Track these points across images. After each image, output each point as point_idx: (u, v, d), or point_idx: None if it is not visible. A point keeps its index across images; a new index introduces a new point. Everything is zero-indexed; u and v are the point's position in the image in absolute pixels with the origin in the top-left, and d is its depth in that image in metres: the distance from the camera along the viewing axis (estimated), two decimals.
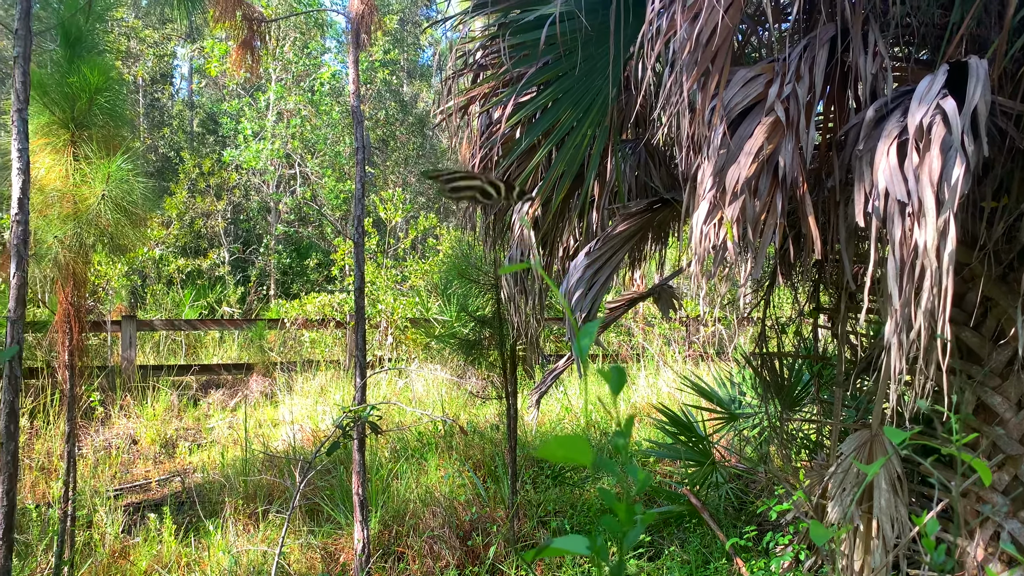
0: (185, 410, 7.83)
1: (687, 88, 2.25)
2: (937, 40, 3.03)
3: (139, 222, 4.24)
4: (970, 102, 2.03)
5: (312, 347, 9.95)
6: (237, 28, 4.93)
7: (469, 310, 5.08)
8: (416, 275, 10.65)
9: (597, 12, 2.88)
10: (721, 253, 2.20)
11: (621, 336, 10.25)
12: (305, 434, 6.68)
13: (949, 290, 1.95)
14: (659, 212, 3.30)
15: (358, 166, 3.93)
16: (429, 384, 8.09)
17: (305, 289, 13.47)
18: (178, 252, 12.54)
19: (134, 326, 8.50)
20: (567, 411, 7.29)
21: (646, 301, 5.77)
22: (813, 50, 2.37)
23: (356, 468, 3.95)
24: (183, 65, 18.08)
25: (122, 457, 6.31)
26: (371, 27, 3.80)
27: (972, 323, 3.03)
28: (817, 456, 4.06)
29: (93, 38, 4.15)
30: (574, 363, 3.85)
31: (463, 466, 5.65)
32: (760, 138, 2.21)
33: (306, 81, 13.21)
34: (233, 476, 5.48)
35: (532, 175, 3.37)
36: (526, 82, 2.96)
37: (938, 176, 1.97)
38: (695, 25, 2.27)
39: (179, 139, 15.54)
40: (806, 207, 2.25)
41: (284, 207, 13.56)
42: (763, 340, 4.22)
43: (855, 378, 3.81)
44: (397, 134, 15.49)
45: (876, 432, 3.06)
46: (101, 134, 4.01)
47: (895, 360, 2.06)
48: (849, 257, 2.66)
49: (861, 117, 2.32)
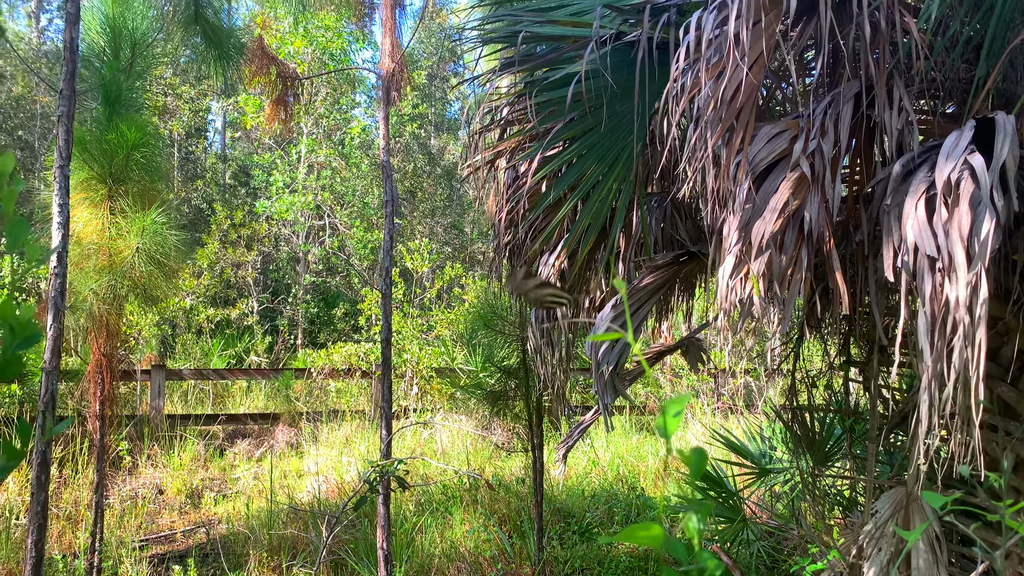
0: (211, 460, 7.85)
1: (712, 144, 2.27)
2: (963, 94, 3.03)
3: (171, 274, 4.32)
4: (998, 157, 2.02)
5: (338, 397, 9.97)
6: (271, 84, 5.09)
7: (495, 360, 5.07)
8: (442, 325, 10.68)
9: (622, 70, 2.93)
10: (748, 307, 2.19)
11: (649, 387, 10.15)
12: (330, 486, 6.65)
13: (983, 345, 1.91)
14: (686, 265, 3.29)
15: (386, 219, 3.98)
16: (454, 435, 8.04)
17: (332, 338, 13.56)
18: (208, 302, 12.72)
19: (163, 375, 8.60)
20: (594, 464, 7.20)
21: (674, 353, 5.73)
22: (838, 106, 2.39)
23: (381, 522, 3.92)
24: (217, 119, 18.61)
25: (148, 507, 6.32)
26: (401, 84, 3.90)
27: (1009, 378, 2.97)
28: (851, 513, 3.96)
29: (132, 96, 4.30)
30: (601, 416, 3.81)
31: (488, 520, 5.57)
32: (786, 193, 2.21)
33: (336, 135, 13.51)
34: (258, 528, 5.46)
35: (558, 228, 3.39)
36: (552, 137, 3.01)
37: (968, 231, 1.96)
38: (719, 83, 2.30)
39: (212, 191, 15.90)
40: (833, 262, 2.24)
41: (313, 257, 13.75)
42: (793, 393, 4.15)
43: (888, 433, 3.73)
44: (424, 185, 15.72)
45: (912, 490, 2.98)
46: (137, 188, 4.13)
47: (927, 417, 2.02)
48: (880, 312, 2.63)
49: (888, 171, 2.31)
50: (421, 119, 15.67)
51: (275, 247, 14.52)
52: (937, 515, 2.79)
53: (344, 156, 13.26)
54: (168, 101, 14.42)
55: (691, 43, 2.37)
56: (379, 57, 4.27)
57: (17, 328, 0.43)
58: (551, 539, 5.33)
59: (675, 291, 4.07)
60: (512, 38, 3.01)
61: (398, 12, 4.11)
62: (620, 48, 2.91)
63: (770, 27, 2.39)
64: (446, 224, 16.58)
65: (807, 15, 2.70)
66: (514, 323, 4.84)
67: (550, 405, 4.76)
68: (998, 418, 3.01)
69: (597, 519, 5.84)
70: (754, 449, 5.20)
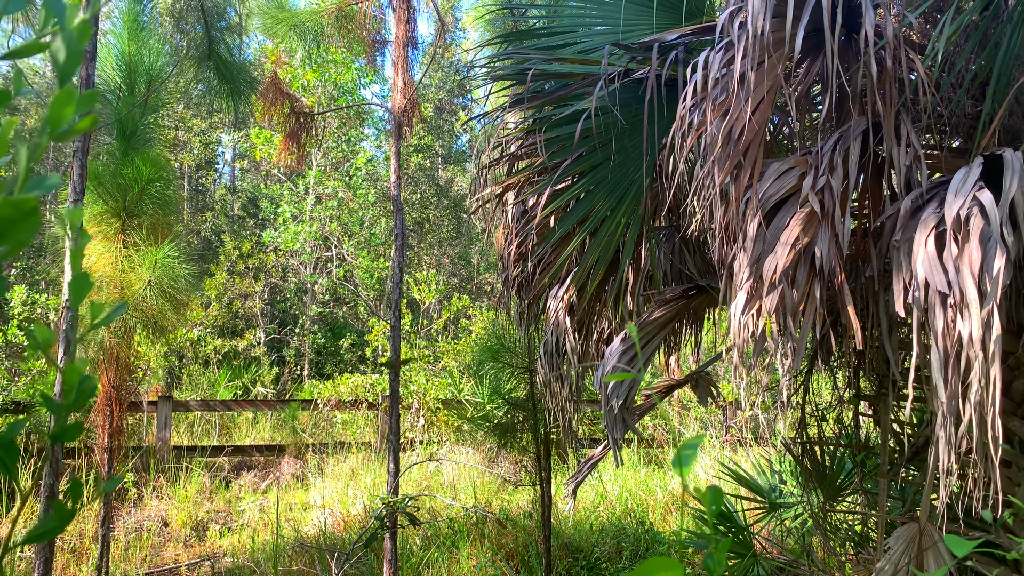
0: (217, 492, 7.81)
1: (719, 181, 2.29)
2: (969, 129, 3.06)
3: (181, 306, 4.34)
4: (1007, 194, 2.03)
5: (344, 428, 9.93)
6: (283, 118, 5.15)
7: (502, 392, 5.06)
8: (449, 356, 10.67)
9: (630, 106, 2.96)
10: (761, 343, 2.19)
11: (657, 420, 10.09)
12: (336, 519, 6.60)
13: (998, 382, 1.91)
14: (694, 298, 3.30)
15: (396, 251, 4.01)
16: (461, 468, 7.99)
17: (339, 369, 13.55)
18: (215, 333, 12.74)
19: (170, 407, 8.59)
20: (602, 498, 7.13)
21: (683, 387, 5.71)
22: (846, 142, 2.41)
23: (388, 557, 3.89)
24: (227, 152, 18.81)
25: (153, 539, 6.28)
26: (412, 120, 3.95)
27: (1021, 413, 2.95)
28: (863, 549, 3.91)
29: (146, 131, 4.36)
30: (609, 450, 3.79)
31: (496, 555, 5.52)
32: (796, 229, 2.22)
33: (344, 167, 13.64)
34: (263, 561, 5.41)
35: (567, 261, 3.40)
36: (561, 172, 3.04)
37: (979, 267, 1.96)
38: (725, 121, 2.32)
39: (221, 222, 16.02)
40: (845, 296, 2.25)
41: (320, 287, 13.80)
42: (803, 426, 4.13)
43: (900, 468, 3.69)
44: (431, 216, 15.80)
45: (925, 526, 2.95)
46: (150, 222, 4.17)
47: (943, 454, 2.01)
48: (892, 346, 2.63)
49: (897, 207, 2.33)
50: (428, 151, 15.81)
51: (283, 278, 14.59)
52: (952, 553, 2.75)
53: (351, 188, 13.37)
54: (179, 134, 14.60)
55: (698, 82, 2.40)
56: (389, 91, 4.33)
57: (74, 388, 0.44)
58: (559, 574, 5.27)
59: (684, 324, 4.06)
60: (521, 75, 3.05)
61: (410, 50, 4.18)
62: (628, 85, 2.95)
63: (774, 68, 2.42)
64: (453, 255, 16.64)
65: (812, 54, 2.73)
66: (522, 355, 4.84)
67: (558, 438, 4.74)
68: (1012, 452, 2.98)
69: (606, 554, 5.77)
70: (764, 483, 5.15)
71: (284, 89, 5.11)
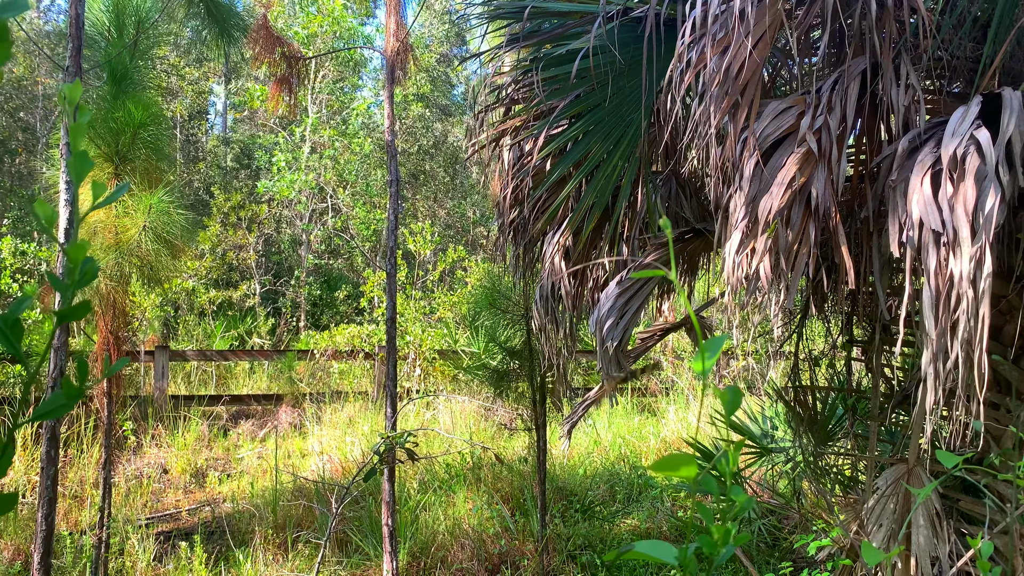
0: (215, 440, 7.90)
1: (716, 120, 2.28)
2: (970, 73, 3.03)
3: (177, 252, 4.34)
4: (1004, 133, 2.03)
5: (341, 378, 10.00)
6: (276, 66, 5.07)
7: (498, 341, 5.09)
8: (444, 307, 10.70)
9: (629, 46, 2.93)
10: (754, 283, 2.21)
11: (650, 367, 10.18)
12: (334, 465, 6.70)
13: (986, 319, 1.93)
14: (690, 242, 3.31)
15: (391, 199, 3.99)
16: (457, 416, 8.08)
17: (334, 320, 13.59)
18: (210, 284, 12.73)
19: (167, 356, 8.63)
20: (596, 444, 7.24)
21: (676, 333, 5.75)
22: (845, 82, 2.39)
23: (386, 498, 3.96)
24: (219, 102, 18.55)
25: (153, 486, 6.38)
26: (406, 64, 3.89)
27: (1012, 356, 2.98)
28: (852, 491, 3.99)
29: (137, 75, 4.29)
30: (606, 393, 3.84)
31: (492, 499, 5.62)
32: (792, 168, 2.22)
33: (340, 115, 13.48)
34: (263, 506, 5.51)
35: (563, 206, 3.40)
36: (558, 114, 3.01)
37: (973, 205, 1.97)
38: (724, 58, 2.30)
39: (213, 174, 15.87)
40: (839, 237, 2.25)
41: (315, 238, 13.76)
42: (796, 373, 4.18)
43: (890, 412, 3.75)
44: (428, 168, 15.69)
45: (913, 466, 3.01)
46: (143, 167, 4.13)
47: (932, 391, 2.04)
48: (883, 288, 2.65)
49: (894, 148, 2.32)
50: (426, 100, 15.62)
51: (277, 230, 14.53)
52: (937, 490, 2.82)
53: (347, 137, 13.24)
54: (171, 81, 14.38)
55: (697, 18, 2.37)
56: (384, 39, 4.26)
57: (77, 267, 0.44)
58: (554, 517, 5.37)
59: (678, 270, 4.08)
60: (519, 13, 3.00)
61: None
62: (627, 24, 2.91)
63: (775, 4, 2.39)
64: (449, 207, 16.57)
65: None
66: (517, 303, 4.86)
67: (553, 386, 4.78)
68: (999, 396, 3.03)
69: (599, 498, 5.88)
70: (756, 429, 5.23)
71: (275, 33, 5.01)
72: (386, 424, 3.90)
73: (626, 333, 2.93)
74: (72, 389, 0.47)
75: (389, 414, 3.94)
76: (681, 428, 8.04)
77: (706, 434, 7.44)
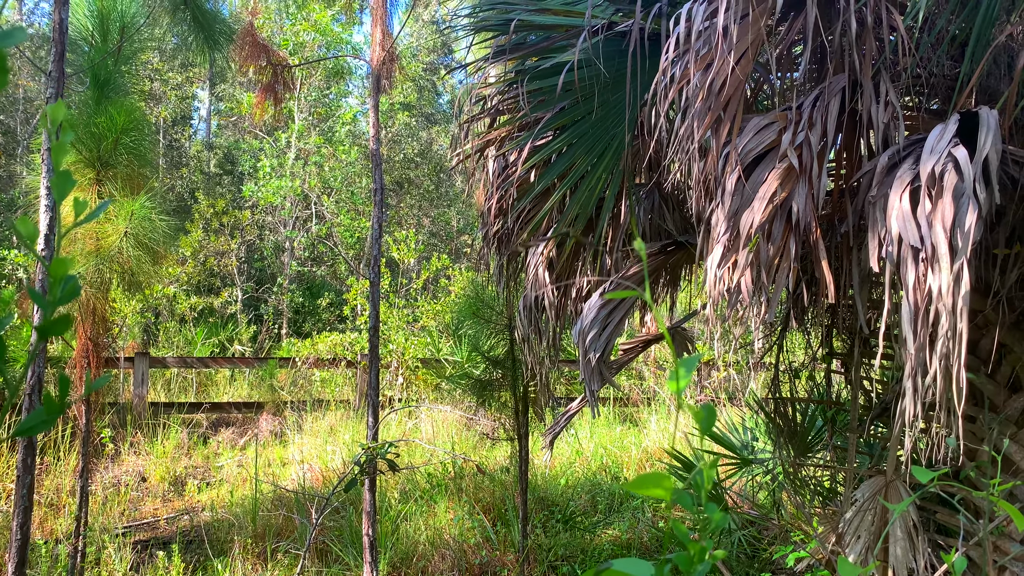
0: (195, 448, 7.83)
1: (699, 135, 2.30)
2: (948, 90, 3.08)
3: (159, 259, 4.31)
4: (981, 150, 2.06)
5: (322, 386, 9.95)
6: (262, 72, 5.06)
7: (481, 350, 5.09)
8: (428, 315, 10.68)
9: (613, 60, 2.95)
10: (736, 296, 2.23)
11: (632, 379, 10.21)
12: (314, 474, 6.65)
13: (964, 334, 1.96)
14: (672, 255, 3.33)
15: (375, 207, 3.99)
16: (439, 425, 8.06)
17: (317, 328, 13.52)
18: (191, 290, 12.64)
19: (147, 363, 8.55)
20: (578, 454, 7.24)
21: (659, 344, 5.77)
22: (825, 99, 2.43)
23: (366, 508, 3.94)
24: (202, 107, 18.46)
25: (131, 494, 6.30)
26: (392, 74, 3.90)
27: (988, 370, 3.03)
28: (831, 503, 4.02)
29: (120, 80, 4.27)
30: (586, 406, 3.85)
31: (473, 509, 5.60)
32: (774, 184, 2.24)
33: (326, 123, 13.46)
34: (242, 515, 5.46)
35: (547, 217, 3.41)
36: (543, 126, 3.03)
37: (951, 222, 2.00)
38: (707, 74, 2.33)
39: (196, 179, 15.78)
40: (819, 251, 2.28)
41: (299, 245, 13.70)
42: (776, 385, 4.21)
43: (869, 424, 3.79)
44: (413, 177, 15.69)
45: (891, 478, 3.04)
46: (125, 173, 4.11)
47: (910, 404, 2.06)
48: (863, 303, 2.68)
49: (874, 164, 2.35)
50: (412, 109, 15.63)
51: (259, 237, 14.45)
52: (914, 502, 2.84)
53: (332, 144, 13.22)
54: (155, 87, 14.30)
55: (681, 34, 2.40)
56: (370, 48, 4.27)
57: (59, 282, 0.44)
58: (535, 527, 5.37)
59: (660, 282, 4.10)
60: (505, 26, 3.02)
61: (388, 1, 4.10)
62: (611, 38, 2.94)
63: (757, 22, 2.42)
64: (433, 215, 16.56)
65: (795, 11, 2.73)
66: (501, 312, 4.87)
67: (535, 396, 4.79)
68: (976, 409, 3.07)
69: (580, 508, 5.88)
70: (736, 440, 5.26)
71: (261, 41, 5.00)
72: (368, 433, 3.89)
73: (609, 344, 2.94)
74: (53, 405, 0.47)
75: (371, 423, 3.93)
76: (663, 438, 8.06)
77: (687, 445, 7.47)
